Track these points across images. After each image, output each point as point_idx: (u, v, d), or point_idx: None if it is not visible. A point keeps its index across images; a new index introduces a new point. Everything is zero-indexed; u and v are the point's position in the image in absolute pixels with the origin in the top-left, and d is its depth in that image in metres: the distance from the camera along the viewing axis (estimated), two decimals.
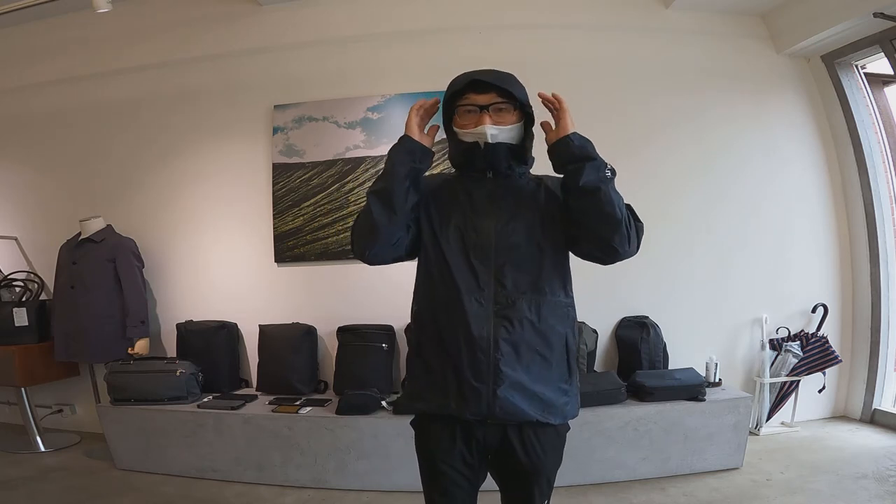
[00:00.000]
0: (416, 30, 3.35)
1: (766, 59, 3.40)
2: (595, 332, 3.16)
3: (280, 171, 3.40)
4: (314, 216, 3.36)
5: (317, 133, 3.37)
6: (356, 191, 3.32)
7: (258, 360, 3.27)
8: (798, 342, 3.24)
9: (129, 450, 2.93)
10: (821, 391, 3.28)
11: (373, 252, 1.31)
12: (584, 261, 1.36)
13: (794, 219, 3.39)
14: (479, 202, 1.33)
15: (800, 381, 3.21)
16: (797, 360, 3.19)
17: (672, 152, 3.32)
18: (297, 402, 2.93)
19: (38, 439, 3.29)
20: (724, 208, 3.33)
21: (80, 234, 3.29)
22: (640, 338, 3.09)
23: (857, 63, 3.30)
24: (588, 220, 1.26)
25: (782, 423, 3.27)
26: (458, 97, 1.31)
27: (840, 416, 3.41)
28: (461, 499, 1.34)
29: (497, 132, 1.29)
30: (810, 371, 3.19)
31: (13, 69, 3.72)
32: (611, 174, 1.25)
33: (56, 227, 3.50)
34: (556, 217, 1.33)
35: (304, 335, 3.22)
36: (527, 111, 1.33)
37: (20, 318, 3.25)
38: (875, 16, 2.80)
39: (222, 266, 3.47)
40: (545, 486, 1.36)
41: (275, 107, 3.42)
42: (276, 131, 3.41)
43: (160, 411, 2.87)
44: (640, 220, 1.31)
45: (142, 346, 3.18)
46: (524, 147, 1.35)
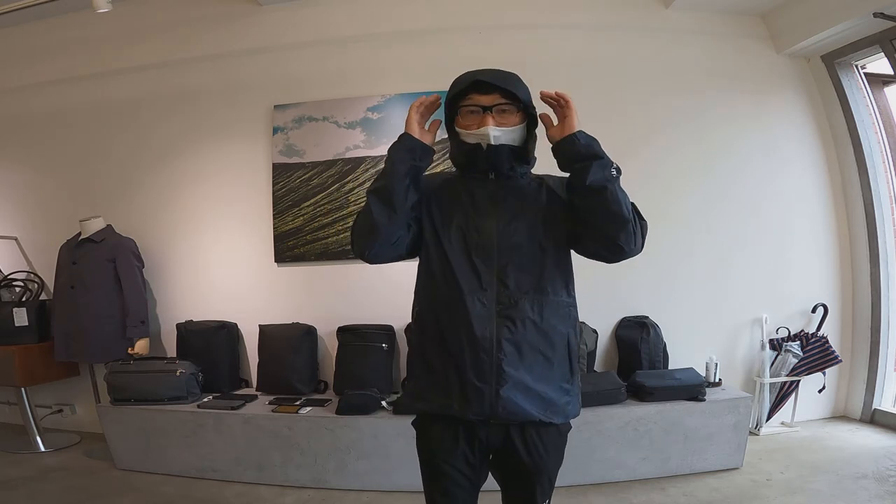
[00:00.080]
0: (416, 30, 3.35)
1: (766, 59, 3.41)
2: (595, 332, 3.16)
3: (280, 171, 3.40)
4: (314, 216, 3.36)
5: (317, 133, 3.37)
6: (356, 191, 3.32)
7: (258, 360, 3.27)
8: (798, 342, 3.24)
9: (129, 450, 2.93)
10: (821, 391, 3.28)
11: (373, 251, 1.30)
12: (583, 261, 1.36)
13: (794, 219, 3.39)
14: (481, 202, 1.32)
15: (800, 381, 3.21)
16: (797, 360, 3.19)
17: (672, 152, 3.32)
18: (297, 402, 2.93)
19: (38, 439, 3.29)
20: (724, 208, 3.33)
21: (80, 234, 3.29)
22: (640, 338, 3.09)
23: (857, 63, 3.30)
24: (594, 219, 1.25)
25: (782, 423, 3.27)
26: (461, 97, 1.30)
27: (840, 416, 3.41)
28: (462, 499, 1.33)
29: (500, 134, 1.28)
30: (810, 371, 3.19)
31: (13, 69, 3.72)
32: (616, 173, 1.24)
33: (56, 227, 3.50)
34: (558, 216, 1.32)
35: (304, 335, 3.22)
36: (530, 112, 1.32)
37: (20, 318, 3.24)
38: (875, 16, 2.80)
39: (222, 266, 3.47)
40: (547, 486, 1.36)
41: (275, 107, 3.42)
42: (276, 131, 3.41)
43: (160, 411, 2.87)
44: (644, 218, 1.30)
45: (142, 346, 3.18)
46: (526, 149, 1.35)
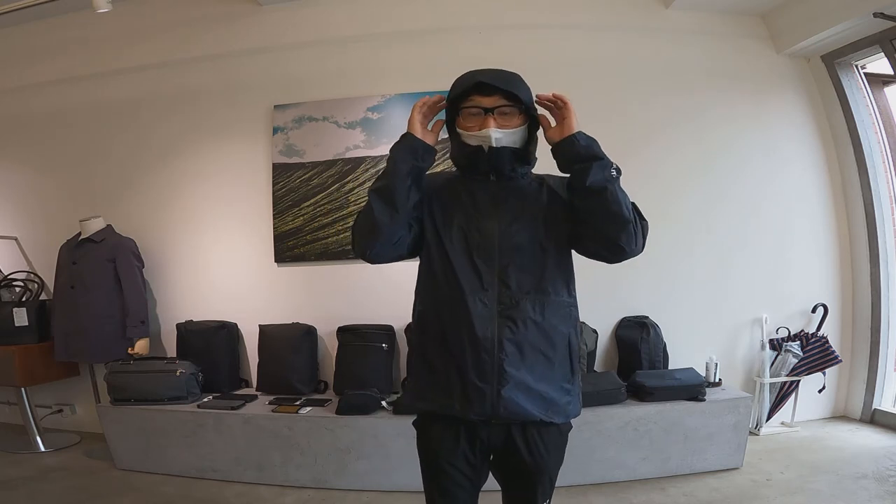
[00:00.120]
0: (416, 30, 3.35)
1: (766, 59, 3.41)
2: (595, 332, 3.16)
3: (280, 171, 3.40)
4: (314, 216, 3.36)
5: (317, 133, 3.37)
6: (356, 191, 3.32)
7: (258, 360, 3.27)
8: (798, 342, 3.24)
9: (129, 450, 2.93)
10: (821, 391, 3.28)
11: (374, 251, 1.30)
12: (584, 261, 1.36)
13: (794, 219, 3.39)
14: (482, 203, 1.32)
15: (800, 381, 3.21)
16: (797, 360, 3.19)
17: (672, 152, 3.32)
18: (297, 402, 2.92)
19: (38, 439, 3.29)
20: (724, 208, 3.33)
21: (80, 234, 3.29)
22: (640, 338, 3.09)
23: (857, 63, 3.30)
24: (595, 220, 1.25)
25: (782, 423, 3.27)
26: (463, 98, 1.30)
27: (840, 416, 3.41)
28: (463, 499, 1.33)
29: (502, 136, 1.28)
30: (810, 371, 3.19)
31: (13, 69, 3.72)
32: (616, 173, 1.24)
33: (56, 227, 3.50)
34: (559, 217, 1.32)
35: (304, 335, 3.22)
36: (532, 114, 1.32)
37: (20, 318, 3.24)
38: (875, 16, 2.80)
39: (222, 266, 3.47)
40: (547, 486, 1.36)
41: (275, 107, 3.42)
42: (276, 131, 3.41)
43: (160, 411, 2.87)
44: (645, 218, 1.30)
45: (142, 346, 3.18)
46: (528, 150, 1.35)
